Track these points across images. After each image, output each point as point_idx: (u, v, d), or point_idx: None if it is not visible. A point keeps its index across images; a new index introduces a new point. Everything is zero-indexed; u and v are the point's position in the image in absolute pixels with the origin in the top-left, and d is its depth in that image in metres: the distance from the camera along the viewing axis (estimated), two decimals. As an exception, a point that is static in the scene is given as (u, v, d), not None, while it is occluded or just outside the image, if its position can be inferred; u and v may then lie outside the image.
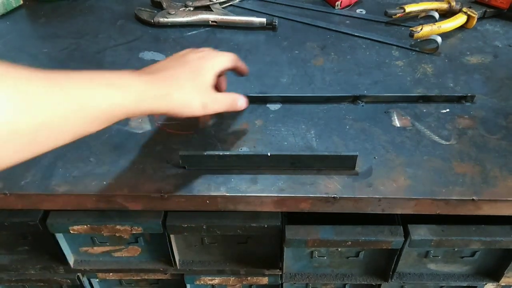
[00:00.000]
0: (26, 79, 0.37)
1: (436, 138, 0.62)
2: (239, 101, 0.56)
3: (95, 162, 0.58)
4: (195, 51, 0.56)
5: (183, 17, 0.85)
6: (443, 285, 0.72)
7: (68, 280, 0.74)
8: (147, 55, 0.78)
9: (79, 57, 0.77)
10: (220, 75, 0.59)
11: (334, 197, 0.54)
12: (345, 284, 0.74)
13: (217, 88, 0.59)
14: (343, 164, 0.56)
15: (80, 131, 0.40)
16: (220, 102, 0.54)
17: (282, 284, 0.73)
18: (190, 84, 0.50)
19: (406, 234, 0.61)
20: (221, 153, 0.56)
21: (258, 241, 0.67)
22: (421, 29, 0.77)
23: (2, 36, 0.83)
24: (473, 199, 0.54)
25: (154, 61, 0.76)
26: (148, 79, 0.47)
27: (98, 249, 0.69)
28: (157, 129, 0.63)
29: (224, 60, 0.57)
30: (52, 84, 0.38)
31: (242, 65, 0.61)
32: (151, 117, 0.65)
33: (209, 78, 0.53)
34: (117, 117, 0.43)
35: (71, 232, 0.61)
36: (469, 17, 0.83)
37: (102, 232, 0.62)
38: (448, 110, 0.66)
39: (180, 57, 0.55)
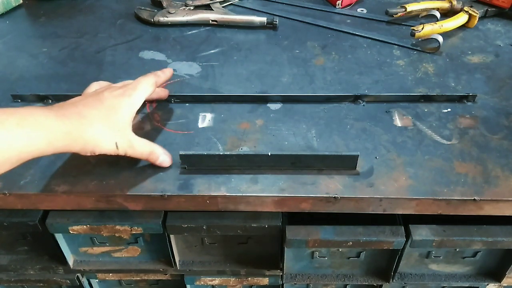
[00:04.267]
0: None
1: (438, 138, 0.61)
2: (159, 158, 0.55)
3: (94, 162, 0.58)
4: (113, 88, 0.55)
5: (183, 16, 0.84)
6: (444, 285, 0.72)
7: (68, 281, 0.73)
8: (147, 54, 0.78)
9: (79, 56, 0.77)
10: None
11: (335, 197, 0.54)
12: (346, 285, 0.73)
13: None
14: (344, 164, 0.56)
15: None
16: (136, 148, 0.53)
17: (282, 284, 0.73)
18: (102, 122, 0.49)
19: (408, 234, 0.61)
20: (221, 153, 0.55)
21: (258, 241, 0.67)
22: (422, 28, 0.77)
23: (1, 35, 0.82)
24: (474, 199, 0.54)
25: (154, 61, 0.76)
26: (61, 115, 0.46)
27: (97, 250, 0.69)
28: (157, 129, 0.63)
29: (144, 91, 0.55)
30: None
31: (164, 79, 0.60)
32: (151, 117, 0.65)
33: (125, 117, 0.52)
34: (29, 157, 0.43)
35: (71, 232, 0.61)
36: (470, 16, 0.83)
37: (102, 232, 0.62)
38: (449, 109, 0.66)
39: (97, 94, 0.53)
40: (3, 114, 0.42)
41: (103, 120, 0.49)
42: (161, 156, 0.55)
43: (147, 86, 0.56)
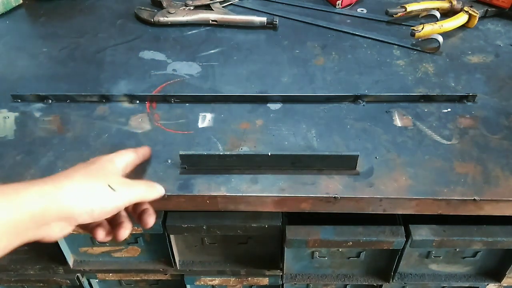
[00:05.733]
0: None
1: (438, 138, 0.61)
2: (156, 188, 0.49)
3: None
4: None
5: (183, 16, 0.84)
6: (444, 285, 0.72)
7: (68, 281, 0.73)
8: (147, 54, 0.78)
9: (79, 56, 0.77)
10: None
11: (335, 197, 0.54)
12: (346, 285, 0.73)
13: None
14: (344, 164, 0.56)
15: None
16: (133, 186, 0.46)
17: (282, 284, 0.73)
18: (81, 174, 0.43)
19: (408, 234, 0.61)
20: (221, 153, 0.55)
21: (258, 241, 0.67)
22: (422, 28, 0.77)
23: (2, 35, 0.82)
24: (474, 199, 0.54)
25: (154, 60, 0.76)
26: (23, 188, 0.39)
27: (97, 250, 0.69)
28: (157, 129, 0.63)
29: (124, 153, 0.50)
30: None
31: (143, 152, 0.54)
32: (151, 117, 0.65)
33: (109, 165, 0.46)
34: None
35: (71, 232, 0.61)
36: (470, 16, 0.83)
37: (102, 232, 0.62)
38: (449, 109, 0.66)
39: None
40: None
41: (82, 172, 0.44)
42: (158, 185, 0.50)
43: (126, 151, 0.51)
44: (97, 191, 0.43)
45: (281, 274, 0.71)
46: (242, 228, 0.61)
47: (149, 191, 0.48)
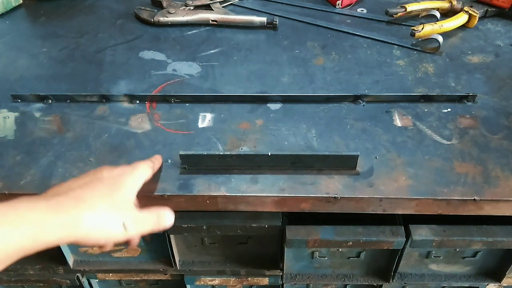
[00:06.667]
0: None
1: (438, 138, 0.61)
2: (166, 218, 0.49)
3: (95, 162, 0.58)
4: (112, 168, 0.49)
5: (183, 16, 0.84)
6: (444, 285, 0.72)
7: (68, 281, 0.73)
8: (147, 54, 0.78)
9: (79, 56, 0.77)
10: None
11: (335, 197, 0.54)
12: (346, 285, 0.73)
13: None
14: (344, 164, 0.56)
15: None
16: (144, 222, 0.47)
17: (282, 284, 0.73)
18: (105, 203, 0.43)
19: (408, 234, 0.61)
20: (221, 153, 0.55)
21: (258, 241, 0.67)
22: (422, 28, 0.77)
23: (2, 35, 0.82)
24: (474, 199, 0.54)
25: (154, 61, 0.76)
26: (51, 204, 0.40)
27: (97, 250, 0.69)
28: (157, 129, 0.63)
29: (143, 172, 0.50)
30: None
31: (158, 166, 0.55)
32: (151, 117, 0.65)
33: (130, 194, 0.47)
34: (15, 256, 0.38)
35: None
36: (470, 16, 0.83)
37: (102, 232, 0.62)
38: (449, 109, 0.66)
39: (94, 174, 0.47)
40: None
41: (106, 201, 0.44)
42: (166, 216, 0.49)
43: (146, 168, 0.51)
44: (112, 227, 0.43)
45: (281, 274, 0.71)
46: (242, 228, 0.61)
47: (158, 224, 0.48)
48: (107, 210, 0.43)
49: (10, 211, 0.38)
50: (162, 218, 0.49)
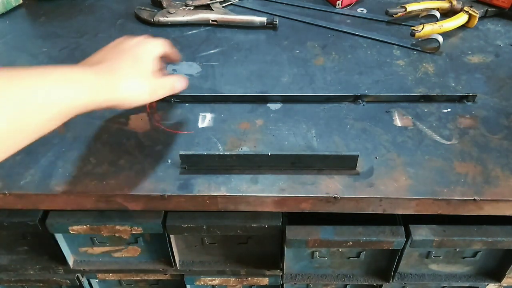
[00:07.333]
0: None
1: (438, 138, 0.61)
2: (179, 83, 0.58)
3: (94, 162, 0.58)
4: (129, 38, 0.57)
5: (183, 16, 0.84)
6: (444, 285, 0.72)
7: (68, 281, 0.73)
8: (147, 54, 0.77)
9: (79, 56, 0.77)
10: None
11: (335, 197, 0.54)
12: (346, 285, 0.73)
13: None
14: (344, 164, 0.56)
15: (39, 130, 0.41)
16: (165, 86, 0.55)
17: (282, 284, 0.73)
18: (133, 75, 0.50)
19: (408, 234, 0.61)
20: (221, 153, 0.55)
21: (258, 241, 0.67)
22: (422, 28, 0.77)
23: (2, 35, 0.82)
24: (474, 199, 0.54)
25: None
26: (96, 71, 0.47)
27: (97, 250, 0.69)
28: (157, 129, 0.63)
29: (159, 44, 0.58)
30: (11, 85, 0.38)
31: (174, 52, 0.62)
32: (151, 117, 0.65)
33: (150, 63, 0.53)
34: (74, 112, 0.44)
35: (71, 232, 0.61)
36: (470, 16, 0.83)
37: (102, 232, 0.62)
38: (449, 109, 0.66)
39: (116, 46, 0.55)
40: (45, 71, 0.42)
41: (133, 70, 0.51)
42: (178, 83, 0.58)
43: (161, 42, 0.58)
44: (140, 93, 0.51)
45: (281, 274, 0.71)
46: (242, 228, 0.61)
47: (173, 89, 0.57)
48: (135, 77, 0.50)
49: (70, 74, 0.44)
50: (176, 83, 0.57)
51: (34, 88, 0.40)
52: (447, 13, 0.86)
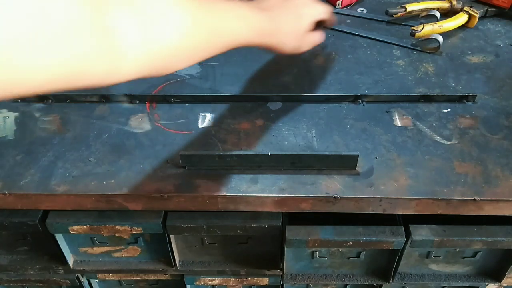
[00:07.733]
0: (195, 7, 0.44)
1: (438, 138, 0.61)
2: (319, 39, 0.65)
3: (95, 162, 0.58)
4: None
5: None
6: (444, 285, 0.72)
7: (68, 281, 0.73)
8: (147, 54, 0.77)
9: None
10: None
11: (335, 197, 0.54)
12: (346, 285, 0.73)
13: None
14: (344, 164, 0.56)
15: (212, 53, 0.49)
16: (309, 44, 0.63)
17: (282, 284, 0.73)
18: (290, 29, 0.58)
19: (408, 234, 0.61)
20: (221, 153, 0.55)
21: (258, 241, 0.67)
22: (422, 28, 0.77)
23: None
24: (474, 199, 0.54)
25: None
26: (264, 17, 0.54)
27: (97, 250, 0.69)
28: (157, 129, 0.63)
29: (321, 11, 0.63)
30: (206, 15, 0.45)
31: (332, 19, 0.69)
32: (151, 117, 0.65)
33: (307, 26, 0.60)
34: (240, 45, 0.51)
35: (71, 232, 0.61)
36: (470, 16, 0.83)
37: (102, 233, 0.62)
38: (449, 109, 0.66)
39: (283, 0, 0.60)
40: (229, 7, 0.49)
41: (291, 27, 0.58)
42: (317, 38, 0.64)
43: (323, 9, 0.64)
44: (289, 46, 0.59)
45: (281, 274, 0.71)
46: (242, 228, 0.61)
47: (315, 44, 0.65)
48: (290, 35, 0.58)
49: (244, 13, 0.51)
50: (318, 38, 0.65)
51: (220, 17, 0.48)
52: (447, 13, 0.86)
